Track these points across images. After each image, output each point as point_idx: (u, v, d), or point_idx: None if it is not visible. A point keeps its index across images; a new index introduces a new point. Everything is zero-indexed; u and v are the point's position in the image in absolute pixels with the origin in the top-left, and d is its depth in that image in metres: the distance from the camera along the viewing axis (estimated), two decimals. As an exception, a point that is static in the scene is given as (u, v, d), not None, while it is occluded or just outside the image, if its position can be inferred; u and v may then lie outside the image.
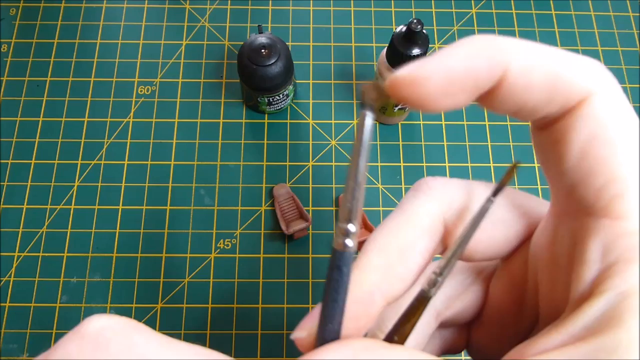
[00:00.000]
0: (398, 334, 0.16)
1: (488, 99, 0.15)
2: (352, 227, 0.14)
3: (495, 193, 0.16)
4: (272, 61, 0.42)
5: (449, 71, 0.14)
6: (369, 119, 0.14)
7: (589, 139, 0.14)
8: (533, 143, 0.16)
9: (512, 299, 0.18)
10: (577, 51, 0.51)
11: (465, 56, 0.14)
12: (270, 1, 0.53)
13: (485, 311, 0.19)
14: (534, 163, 0.47)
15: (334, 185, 0.46)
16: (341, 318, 0.15)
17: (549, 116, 0.15)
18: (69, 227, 0.44)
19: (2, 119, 0.48)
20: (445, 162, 0.47)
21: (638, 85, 0.50)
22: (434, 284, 0.16)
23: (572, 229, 0.15)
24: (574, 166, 0.14)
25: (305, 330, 0.16)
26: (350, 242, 0.15)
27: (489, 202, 0.16)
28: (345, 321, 0.15)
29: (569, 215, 0.15)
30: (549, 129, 0.15)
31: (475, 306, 0.19)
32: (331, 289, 0.15)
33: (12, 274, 0.43)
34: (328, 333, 0.15)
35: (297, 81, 0.50)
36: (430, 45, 0.51)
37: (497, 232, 0.17)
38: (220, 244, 0.44)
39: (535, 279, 0.17)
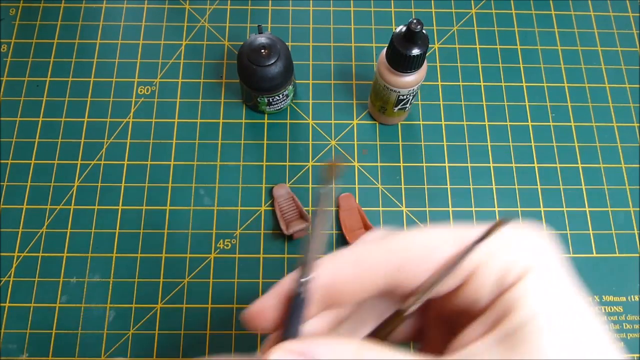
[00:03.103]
0: (375, 340, 0.20)
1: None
2: (308, 279, 0.19)
3: (479, 242, 0.18)
4: (272, 61, 0.42)
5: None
6: (328, 196, 0.18)
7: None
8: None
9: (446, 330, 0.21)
10: (576, 51, 0.51)
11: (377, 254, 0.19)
12: (270, 1, 0.53)
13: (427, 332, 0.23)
14: (533, 163, 0.47)
15: (333, 186, 0.46)
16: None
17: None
18: (69, 227, 0.44)
19: (2, 119, 0.48)
20: (445, 162, 0.47)
21: (638, 86, 0.50)
22: (410, 305, 0.19)
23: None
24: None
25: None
26: (303, 290, 0.19)
27: (469, 248, 0.18)
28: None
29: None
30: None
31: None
32: (292, 322, 0.19)
33: (12, 274, 0.43)
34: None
35: (297, 81, 0.49)
36: (430, 45, 0.51)
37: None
38: (220, 244, 0.44)
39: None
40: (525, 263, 0.17)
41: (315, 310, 0.20)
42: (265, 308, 0.20)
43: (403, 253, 0.19)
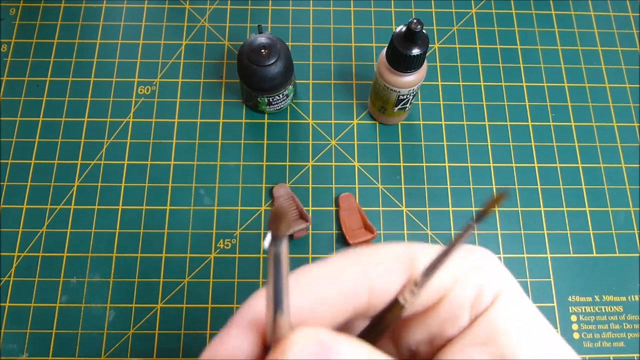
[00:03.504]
0: (369, 335, 0.18)
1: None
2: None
3: (478, 219, 0.17)
4: (272, 61, 0.42)
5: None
6: (284, 249, 0.14)
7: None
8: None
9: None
10: (576, 51, 0.51)
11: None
12: (270, 1, 0.53)
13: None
14: (533, 163, 0.47)
15: (333, 185, 0.46)
16: None
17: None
18: (69, 227, 0.44)
19: (2, 119, 0.48)
20: (445, 162, 0.47)
21: (638, 86, 0.50)
22: (410, 293, 0.18)
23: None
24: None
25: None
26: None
27: (469, 227, 0.17)
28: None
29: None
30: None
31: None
32: None
33: (12, 274, 0.43)
34: None
35: (297, 81, 0.49)
36: (430, 45, 0.51)
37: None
38: (220, 244, 0.44)
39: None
40: (496, 286, 0.18)
41: None
42: (228, 352, 0.16)
43: (379, 265, 0.18)
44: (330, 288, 0.17)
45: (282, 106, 0.47)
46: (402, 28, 0.38)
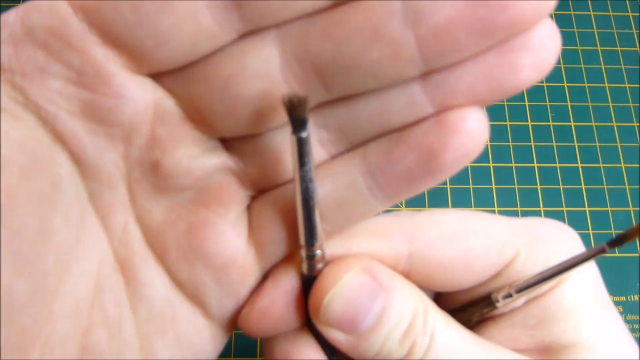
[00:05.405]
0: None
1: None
2: (318, 251, 0.13)
3: (614, 244, 0.15)
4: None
5: None
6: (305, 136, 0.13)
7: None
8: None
9: None
10: (576, 51, 0.51)
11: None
12: (270, 2, 0.52)
13: None
14: (533, 163, 0.47)
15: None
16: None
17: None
18: (69, 228, 0.44)
19: (2, 119, 0.48)
20: (444, 162, 0.47)
21: (638, 85, 0.50)
22: (505, 297, 0.15)
23: None
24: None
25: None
26: (320, 267, 0.14)
27: (601, 249, 0.15)
28: None
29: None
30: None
31: None
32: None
33: (12, 275, 0.43)
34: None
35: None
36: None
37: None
38: (219, 244, 0.44)
39: None
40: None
41: None
42: (273, 302, 0.15)
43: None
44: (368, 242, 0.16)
45: (281, 106, 0.47)
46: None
